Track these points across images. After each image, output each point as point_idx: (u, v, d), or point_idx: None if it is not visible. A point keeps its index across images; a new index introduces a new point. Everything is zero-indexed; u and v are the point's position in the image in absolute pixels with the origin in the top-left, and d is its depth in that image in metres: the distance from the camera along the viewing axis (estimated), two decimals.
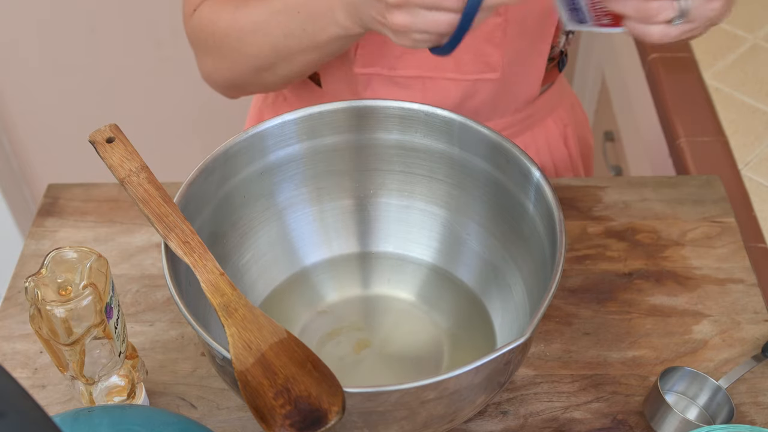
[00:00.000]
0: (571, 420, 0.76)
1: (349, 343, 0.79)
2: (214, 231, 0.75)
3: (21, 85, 1.71)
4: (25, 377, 0.80)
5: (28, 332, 0.83)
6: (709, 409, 0.76)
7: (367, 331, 0.80)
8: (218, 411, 0.77)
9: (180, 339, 0.82)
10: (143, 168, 0.67)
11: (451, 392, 0.62)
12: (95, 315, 0.64)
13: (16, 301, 0.86)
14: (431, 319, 0.81)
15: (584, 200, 0.94)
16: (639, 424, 0.76)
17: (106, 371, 0.70)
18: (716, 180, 0.96)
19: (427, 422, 0.64)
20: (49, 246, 0.91)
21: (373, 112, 0.77)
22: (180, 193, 0.70)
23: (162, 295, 0.86)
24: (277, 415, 0.55)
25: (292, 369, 0.57)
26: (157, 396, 0.78)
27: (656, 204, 0.94)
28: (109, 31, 1.65)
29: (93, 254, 0.65)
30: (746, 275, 0.87)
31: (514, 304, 0.78)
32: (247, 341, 0.59)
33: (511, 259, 0.78)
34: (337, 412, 0.55)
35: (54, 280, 0.64)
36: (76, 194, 0.96)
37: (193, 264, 0.63)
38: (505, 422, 0.76)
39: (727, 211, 0.93)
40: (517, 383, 0.78)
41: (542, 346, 0.81)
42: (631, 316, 0.84)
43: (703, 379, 0.76)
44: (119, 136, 0.68)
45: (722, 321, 0.83)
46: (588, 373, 0.79)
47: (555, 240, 0.67)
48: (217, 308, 0.61)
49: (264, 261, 0.82)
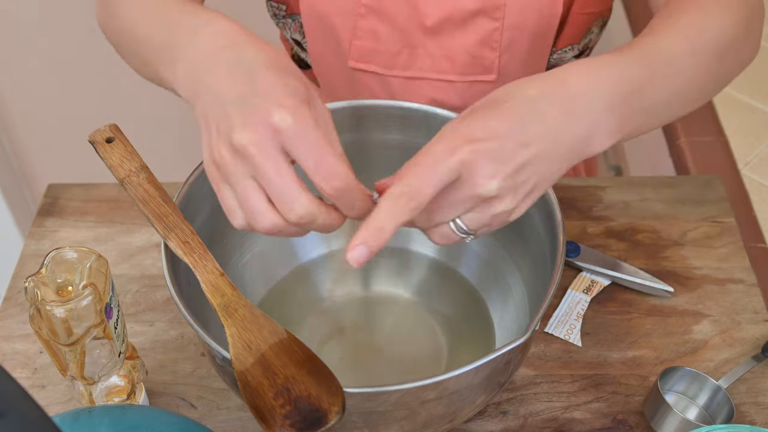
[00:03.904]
0: (571, 420, 0.76)
1: (349, 343, 0.79)
2: (214, 231, 0.75)
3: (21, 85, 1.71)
4: (25, 377, 0.80)
5: (28, 332, 0.83)
6: (709, 409, 0.76)
7: (367, 331, 0.80)
8: (218, 411, 0.77)
9: (180, 339, 0.82)
10: (143, 168, 0.67)
11: (451, 392, 0.62)
12: (95, 315, 0.64)
13: (16, 301, 0.86)
14: (431, 318, 0.81)
15: (584, 200, 0.94)
16: (639, 424, 0.76)
17: (106, 371, 0.70)
18: (716, 180, 0.96)
19: (427, 422, 0.64)
20: (49, 246, 0.91)
21: (373, 112, 0.77)
22: (180, 193, 0.70)
23: (162, 295, 0.86)
24: (277, 415, 0.55)
25: (292, 369, 0.57)
26: (157, 396, 0.78)
27: (656, 204, 0.94)
28: None
29: (93, 254, 0.65)
30: (746, 275, 0.87)
31: (514, 304, 0.78)
32: (247, 341, 0.59)
33: (511, 259, 0.78)
34: (337, 412, 0.55)
35: (54, 280, 0.64)
36: (76, 194, 0.96)
37: (193, 264, 0.63)
38: (505, 422, 0.76)
39: (727, 211, 0.93)
40: (517, 383, 0.78)
41: (542, 346, 0.81)
42: (631, 316, 0.84)
43: (703, 379, 0.76)
44: (119, 136, 0.68)
45: (722, 321, 0.83)
46: (588, 373, 0.79)
47: (555, 240, 0.67)
48: (217, 308, 0.61)
49: (264, 261, 0.82)
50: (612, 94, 0.58)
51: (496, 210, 0.56)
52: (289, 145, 0.52)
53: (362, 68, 0.88)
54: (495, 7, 0.81)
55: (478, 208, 0.56)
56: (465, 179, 0.54)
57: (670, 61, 0.62)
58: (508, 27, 0.82)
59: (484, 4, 0.81)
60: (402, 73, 0.88)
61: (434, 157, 0.54)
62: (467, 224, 0.56)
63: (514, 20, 0.81)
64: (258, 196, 0.53)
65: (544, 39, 0.84)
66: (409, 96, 0.89)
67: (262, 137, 0.52)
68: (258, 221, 0.54)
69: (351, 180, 0.54)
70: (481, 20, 0.82)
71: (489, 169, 0.54)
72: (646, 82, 0.60)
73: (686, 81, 0.64)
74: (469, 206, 0.55)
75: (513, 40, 0.83)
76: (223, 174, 0.54)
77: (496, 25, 0.82)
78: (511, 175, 0.54)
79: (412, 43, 0.85)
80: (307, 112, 0.53)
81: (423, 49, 0.86)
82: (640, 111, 0.60)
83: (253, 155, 0.52)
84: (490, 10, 0.81)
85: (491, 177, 0.54)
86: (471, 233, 0.57)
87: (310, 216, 0.53)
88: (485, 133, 0.54)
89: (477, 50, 0.84)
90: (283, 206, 0.53)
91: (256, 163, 0.52)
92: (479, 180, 0.54)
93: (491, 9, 0.81)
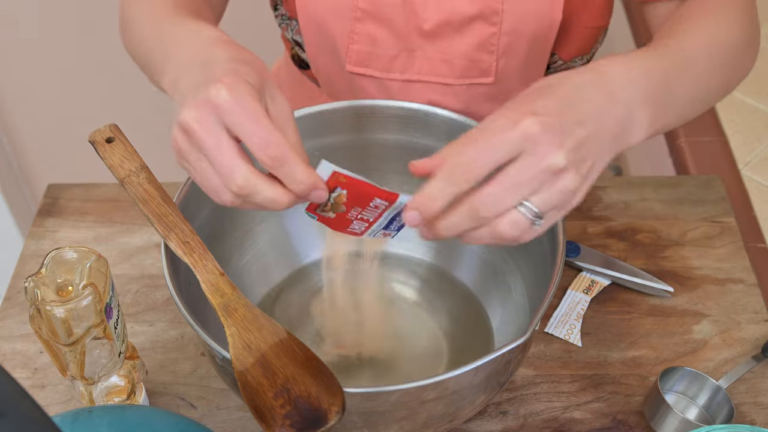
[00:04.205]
0: (571, 420, 0.76)
1: (349, 343, 0.79)
2: (214, 231, 0.75)
3: (21, 85, 1.71)
4: (25, 377, 0.80)
5: (28, 332, 0.83)
6: (709, 409, 0.76)
7: (367, 330, 0.80)
8: (218, 411, 0.77)
9: (180, 339, 0.82)
10: (143, 168, 0.67)
11: (451, 392, 0.62)
12: (95, 315, 0.64)
13: (16, 301, 0.86)
14: (431, 319, 0.81)
15: (584, 200, 0.94)
16: (639, 424, 0.76)
17: (106, 371, 0.70)
18: (716, 180, 0.96)
19: (427, 422, 0.64)
20: (49, 246, 0.91)
21: (373, 112, 0.77)
22: (180, 193, 0.70)
23: (162, 295, 0.86)
24: (276, 415, 0.55)
25: (292, 369, 0.57)
26: (157, 396, 0.78)
27: (656, 204, 0.94)
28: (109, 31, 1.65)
29: (93, 254, 0.65)
30: (746, 275, 0.87)
31: (513, 304, 0.78)
32: (247, 341, 0.59)
33: (511, 260, 0.78)
34: (337, 412, 0.55)
35: (54, 280, 0.64)
36: (76, 194, 0.96)
37: (192, 264, 0.63)
38: (505, 422, 0.76)
39: (727, 211, 0.93)
40: (517, 383, 0.78)
41: (542, 346, 0.81)
42: (631, 316, 0.84)
43: (703, 379, 0.76)
44: (119, 136, 0.68)
45: (722, 321, 0.83)
46: (588, 373, 0.79)
47: (555, 240, 0.67)
48: (217, 308, 0.61)
49: (264, 261, 0.82)
50: (646, 84, 0.60)
51: (564, 184, 0.54)
52: (225, 117, 0.54)
53: (360, 72, 0.88)
54: (493, 12, 0.81)
55: (546, 185, 0.54)
56: (530, 152, 0.53)
57: (690, 62, 0.65)
58: (506, 32, 0.82)
59: (481, 9, 0.81)
60: (400, 77, 0.88)
61: (494, 129, 0.54)
62: (537, 205, 0.54)
63: (511, 25, 0.81)
64: (211, 171, 0.56)
65: (542, 44, 0.84)
66: (406, 99, 0.89)
67: (203, 113, 0.54)
68: (219, 196, 0.57)
69: (286, 148, 0.55)
70: (478, 25, 0.82)
71: (555, 139, 0.53)
72: (672, 79, 0.62)
73: (703, 83, 0.66)
74: (537, 184, 0.54)
75: (511, 44, 0.83)
76: (181, 155, 0.57)
77: (493, 29, 0.82)
78: (574, 148, 0.54)
79: (410, 46, 0.86)
80: (245, 89, 0.55)
81: (421, 53, 0.86)
82: (668, 106, 0.62)
83: (195, 130, 0.55)
84: (488, 15, 0.81)
85: (559, 147, 0.53)
86: (540, 217, 0.55)
87: (250, 186, 0.55)
88: (545, 110, 0.55)
89: (475, 54, 0.84)
90: (224, 177, 0.55)
91: (198, 138, 0.55)
92: (547, 150, 0.53)
93: (489, 14, 0.81)
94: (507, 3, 0.80)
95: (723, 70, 0.69)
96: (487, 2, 0.81)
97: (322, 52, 0.89)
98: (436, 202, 0.54)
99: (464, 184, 0.54)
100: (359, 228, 0.62)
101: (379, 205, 0.59)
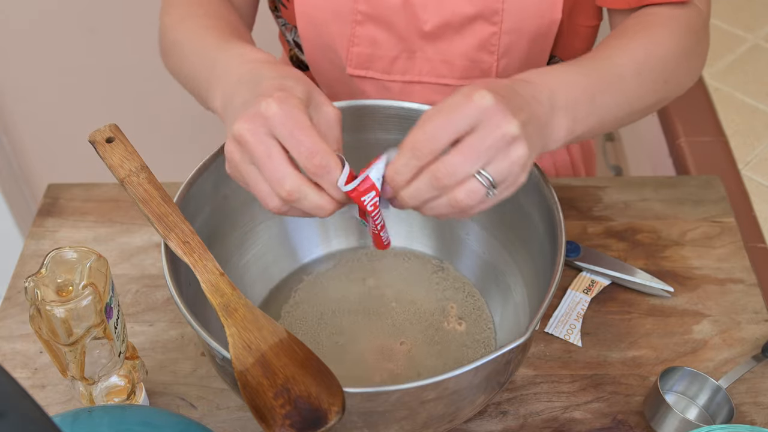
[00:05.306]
0: (571, 420, 0.76)
1: (350, 343, 0.79)
2: (214, 231, 0.75)
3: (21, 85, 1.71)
4: (25, 377, 0.80)
5: (28, 332, 0.83)
6: (709, 409, 0.76)
7: (366, 330, 0.80)
8: (218, 411, 0.77)
9: (180, 339, 0.82)
10: (143, 168, 0.67)
11: (451, 392, 0.62)
12: (95, 315, 0.64)
13: (16, 301, 0.86)
14: (432, 319, 0.81)
15: (584, 200, 0.94)
16: (639, 424, 0.76)
17: (106, 371, 0.70)
18: (716, 180, 0.96)
19: (427, 422, 0.64)
20: (49, 246, 0.91)
21: (373, 112, 0.77)
22: (180, 193, 0.70)
23: (162, 295, 0.86)
24: (277, 415, 0.55)
25: (292, 369, 0.57)
26: (157, 396, 0.78)
27: (656, 204, 0.94)
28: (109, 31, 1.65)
29: (93, 254, 0.65)
30: (746, 275, 0.87)
31: (514, 304, 0.78)
32: (247, 341, 0.59)
33: (511, 260, 0.78)
34: (337, 412, 0.55)
35: (54, 280, 0.64)
36: (76, 194, 0.96)
37: (192, 264, 0.63)
38: (505, 422, 0.76)
39: (727, 211, 0.93)
40: (517, 383, 0.78)
41: (542, 346, 0.81)
42: (631, 316, 0.84)
43: (703, 379, 0.76)
44: (119, 136, 0.68)
45: (722, 321, 0.83)
46: (588, 373, 0.79)
47: (555, 240, 0.67)
48: (217, 308, 0.61)
49: (264, 261, 0.82)
50: (566, 94, 0.65)
51: (518, 155, 0.58)
52: (275, 129, 0.58)
53: (360, 75, 0.88)
54: (493, 12, 0.81)
55: (501, 155, 0.57)
56: (486, 123, 0.57)
57: (617, 78, 0.70)
58: (506, 31, 0.82)
59: (482, 9, 0.81)
60: (400, 78, 0.88)
61: (450, 104, 0.58)
62: (492, 174, 0.57)
63: (512, 25, 0.82)
64: (261, 179, 0.59)
65: (542, 44, 0.84)
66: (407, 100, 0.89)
67: (254, 125, 0.58)
68: (267, 202, 0.60)
69: (330, 158, 0.58)
70: (479, 25, 0.82)
71: (508, 110, 0.57)
72: (597, 92, 0.67)
73: (631, 96, 0.71)
74: (493, 152, 0.57)
75: (511, 44, 0.83)
76: (233, 164, 0.61)
77: (494, 29, 0.82)
78: (523, 123, 0.58)
79: (411, 48, 0.86)
80: (294, 102, 0.58)
81: (421, 54, 0.86)
82: (590, 115, 0.67)
83: (247, 141, 0.58)
84: (488, 14, 0.81)
85: (513, 116, 0.57)
86: (494, 186, 0.58)
87: (298, 191, 0.58)
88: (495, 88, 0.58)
89: (475, 54, 0.84)
90: (274, 184, 0.58)
91: (250, 148, 0.58)
92: (501, 119, 0.56)
93: (489, 14, 0.81)
94: (507, 2, 0.80)
95: (655, 84, 0.73)
96: (487, 2, 0.81)
97: (322, 55, 0.89)
98: (402, 175, 0.58)
99: (427, 157, 0.57)
100: (380, 223, 0.64)
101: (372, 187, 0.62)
